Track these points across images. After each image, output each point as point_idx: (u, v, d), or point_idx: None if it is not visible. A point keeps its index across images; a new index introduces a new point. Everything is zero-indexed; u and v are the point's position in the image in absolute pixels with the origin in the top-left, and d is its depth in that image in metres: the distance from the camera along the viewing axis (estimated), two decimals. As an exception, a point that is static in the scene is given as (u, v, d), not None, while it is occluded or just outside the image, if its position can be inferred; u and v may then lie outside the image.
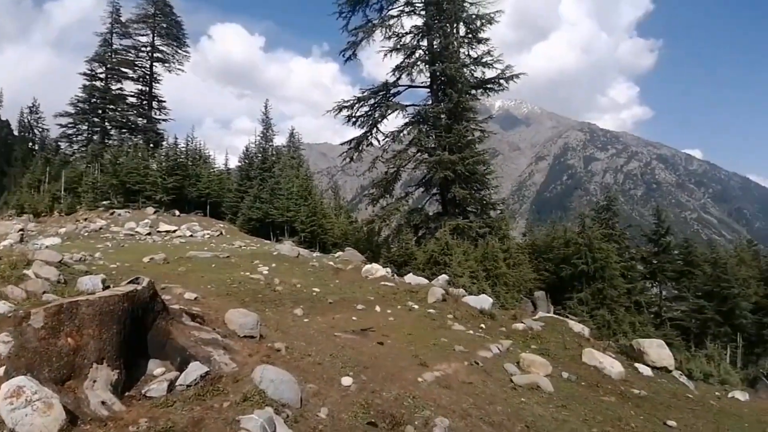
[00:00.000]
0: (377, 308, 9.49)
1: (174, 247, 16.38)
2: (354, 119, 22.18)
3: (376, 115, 21.75)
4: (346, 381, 5.33)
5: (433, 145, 19.69)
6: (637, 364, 8.56)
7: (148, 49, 38.48)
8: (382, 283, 11.72)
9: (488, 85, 20.73)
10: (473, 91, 20.59)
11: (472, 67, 20.14)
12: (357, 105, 21.80)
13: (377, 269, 12.58)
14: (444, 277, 12.84)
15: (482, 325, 9.27)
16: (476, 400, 5.70)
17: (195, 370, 4.31)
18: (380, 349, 7.05)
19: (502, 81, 20.34)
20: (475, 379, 6.41)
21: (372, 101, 21.76)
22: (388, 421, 4.60)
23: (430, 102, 20.69)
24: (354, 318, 8.61)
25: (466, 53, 20.20)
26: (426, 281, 12.30)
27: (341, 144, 23.66)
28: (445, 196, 19.51)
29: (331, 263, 13.77)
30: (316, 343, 6.60)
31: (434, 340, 7.77)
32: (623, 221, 21.99)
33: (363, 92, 21.87)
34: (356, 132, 22.76)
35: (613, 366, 7.71)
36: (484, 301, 10.50)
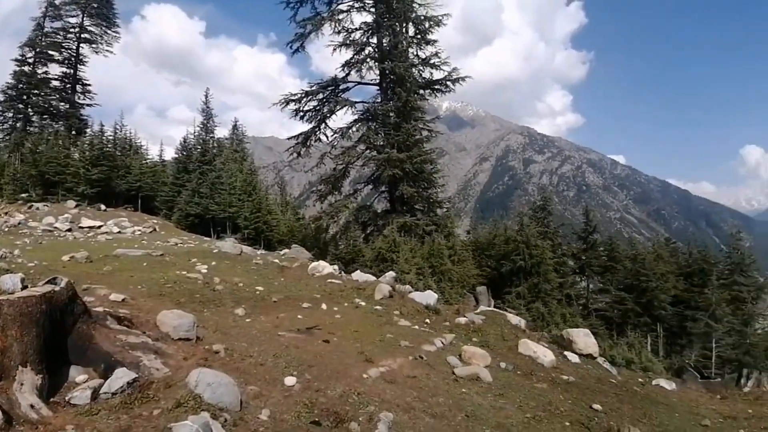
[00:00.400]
0: (324, 306, 9.38)
1: (99, 244, 15.05)
2: (302, 113, 21.69)
3: (325, 110, 21.43)
4: (290, 381, 5.24)
5: (381, 143, 19.78)
6: (566, 353, 9.20)
7: (77, 30, 35.45)
8: (329, 280, 11.60)
9: (436, 86, 21.18)
10: (421, 91, 20.94)
11: (421, 68, 20.48)
12: (305, 99, 21.33)
13: (324, 267, 12.44)
14: (391, 274, 12.97)
15: (427, 320, 9.49)
16: (420, 393, 5.83)
17: (121, 376, 4.02)
18: (326, 347, 6.98)
19: (448, 83, 20.89)
20: (419, 372, 6.54)
21: (320, 96, 21.41)
22: (332, 419, 4.57)
23: (379, 100, 20.76)
24: (299, 316, 8.44)
25: (415, 53, 20.52)
26: (373, 278, 12.35)
27: (288, 138, 23.00)
28: (394, 193, 19.71)
29: (277, 261, 13.39)
30: (258, 344, 6.42)
31: (380, 336, 7.82)
32: (557, 220, 23.50)
33: (311, 86, 21.45)
34: (304, 127, 22.27)
35: (545, 355, 8.23)
36: (429, 297, 10.74)
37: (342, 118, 22.25)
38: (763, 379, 11.58)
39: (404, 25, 20.19)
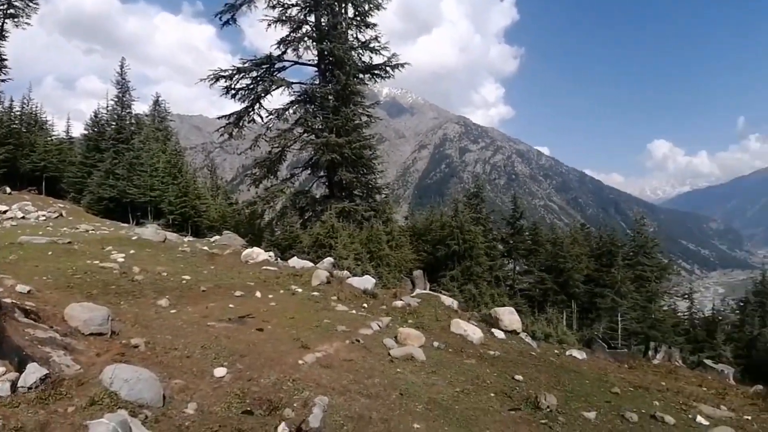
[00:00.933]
0: (258, 294, 9.10)
1: (3, 231, 13.26)
2: (233, 92, 20.34)
3: (259, 89, 20.30)
4: (220, 372, 5.06)
5: (320, 127, 19.28)
6: (494, 330, 9.84)
7: (5, 6, 30.35)
8: (264, 267, 11.26)
9: (376, 71, 20.99)
10: (361, 75, 20.62)
11: (360, 51, 20.14)
12: (237, 76, 19.99)
13: (259, 253, 12.03)
14: (329, 259, 12.89)
15: (365, 305, 9.59)
16: (356, 375, 5.91)
17: (33, 372, 3.72)
18: (260, 335, 6.80)
19: (388, 68, 20.80)
20: (356, 356, 6.62)
21: (254, 74, 20.23)
22: (265, 407, 4.49)
23: (317, 81, 20.13)
24: (231, 306, 8.10)
25: (355, 36, 20.11)
26: (311, 264, 12.20)
27: (219, 118, 21.54)
28: (332, 179, 19.43)
29: (206, 248, 12.70)
30: (184, 336, 6.09)
31: (317, 322, 7.77)
32: (489, 207, 24.76)
33: (244, 63, 20.12)
34: (236, 106, 20.93)
35: (474, 333, 8.73)
36: (367, 282, 10.85)
37: (278, 99, 21.32)
38: (674, 353, 13.13)
39: (343, 5, 19.68)
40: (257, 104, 20.80)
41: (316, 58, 19.99)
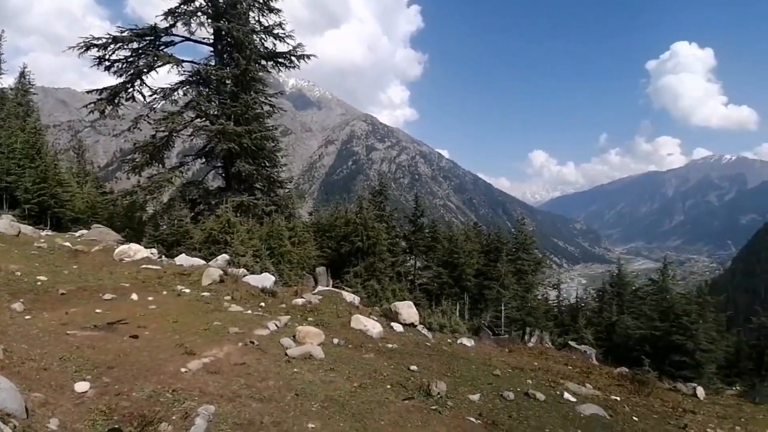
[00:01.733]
0: (134, 296, 8.08)
1: None
2: (108, 63, 17.48)
3: (141, 63, 17.79)
4: (81, 387, 4.46)
5: (215, 113, 17.71)
6: (393, 324, 10.13)
7: None
8: (144, 266, 10.05)
9: (280, 59, 19.99)
10: (264, 62, 19.50)
11: (263, 36, 18.94)
12: (113, 46, 17.23)
13: (137, 250, 10.70)
14: (224, 256, 12.00)
15: (262, 304, 9.14)
16: (248, 379, 5.57)
17: None
18: (134, 343, 6.04)
19: (293, 58, 19.99)
20: (249, 358, 6.24)
21: (135, 45, 17.66)
22: (136, 423, 4.04)
23: (213, 63, 18.49)
24: (98, 311, 7.05)
25: (257, 19, 18.89)
26: (202, 262, 11.23)
27: (89, 92, 18.44)
28: (229, 170, 18.08)
29: (67, 244, 10.91)
30: (41, 346, 5.28)
31: (206, 325, 7.16)
32: (393, 205, 25.49)
33: (122, 32, 17.35)
34: (112, 80, 18.11)
35: (374, 327, 8.88)
36: (266, 280, 10.36)
37: (166, 78, 19.05)
38: (545, 336, 14.84)
39: (243, -18, 18.32)
40: (138, 80, 18.29)
41: (212, 37, 18.34)
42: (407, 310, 10.72)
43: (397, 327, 10.01)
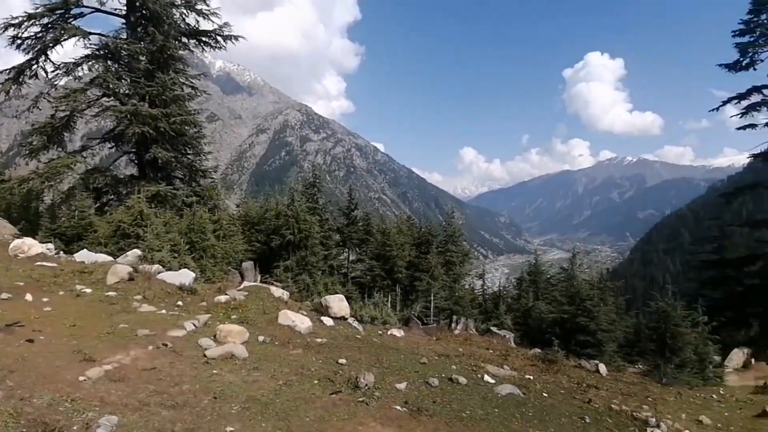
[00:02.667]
0: (29, 297, 7.10)
1: None
2: (19, 41, 15.58)
3: (48, 38, 15.72)
4: None
5: (127, 92, 16.02)
6: (323, 318, 9.99)
7: None
8: (39, 263, 8.90)
9: (203, 38, 18.55)
10: (185, 39, 17.98)
11: (184, 11, 17.30)
12: (26, 23, 15.35)
13: (31, 245, 9.42)
14: (135, 252, 10.95)
15: (179, 303, 8.50)
16: (158, 385, 5.15)
17: None
18: (30, 348, 5.40)
19: (219, 37, 18.59)
20: (161, 362, 5.77)
21: (46, 20, 15.65)
22: (41, 431, 3.75)
23: (125, 36, 16.67)
24: (-16, 313, 6.09)
25: (177, -9, 17.31)
26: (109, 258, 10.17)
27: (-1, 72, 16.18)
28: (143, 156, 16.48)
29: (-58, 239, 9.26)
30: None
31: (110, 328, 6.50)
32: (327, 197, 25.08)
33: (37, 8, 15.50)
34: (21, 58, 16.16)
35: (303, 322, 8.68)
36: (184, 277, 9.66)
37: (73, 52, 16.85)
38: (469, 323, 15.57)
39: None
40: (43, 56, 16.15)
41: (125, 8, 16.51)
42: (338, 304, 10.64)
43: (328, 321, 9.89)
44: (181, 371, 5.62)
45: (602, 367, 11.15)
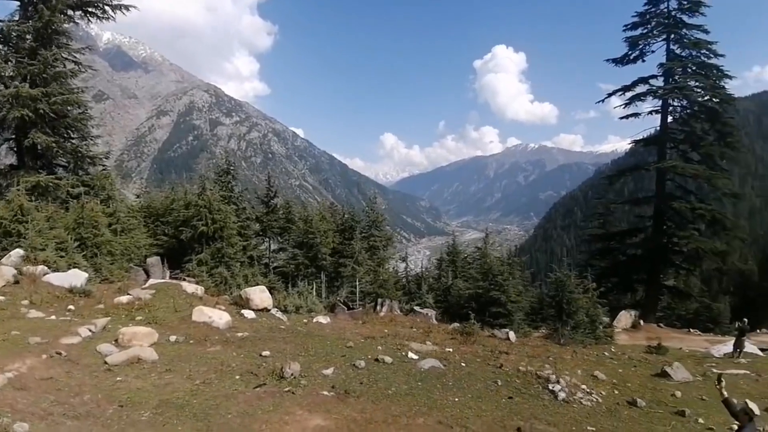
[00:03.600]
0: None
1: None
2: None
3: None
4: None
5: (11, 74, 13.52)
6: (244, 311, 9.57)
7: None
8: None
9: (89, 8, 16.17)
10: (71, 12, 15.52)
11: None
12: None
13: None
14: (18, 251, 9.40)
15: (71, 307, 7.53)
16: (58, 396, 4.60)
17: None
18: None
19: (107, 7, 16.39)
20: (57, 372, 5.12)
21: None
22: None
23: (17, 18, 14.05)
24: None
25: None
26: (-18, 260, 8.59)
27: None
28: (23, 143, 14.06)
29: None
30: None
31: (3, 335, 5.65)
32: (245, 185, 23.76)
33: None
34: None
35: (221, 317, 8.22)
36: (75, 278, 8.55)
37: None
38: (394, 305, 15.95)
39: None
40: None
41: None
42: (260, 295, 10.26)
43: (249, 314, 9.50)
44: (80, 381, 5.02)
45: (512, 335, 12.29)
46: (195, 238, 16.50)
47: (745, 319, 13.72)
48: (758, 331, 20.31)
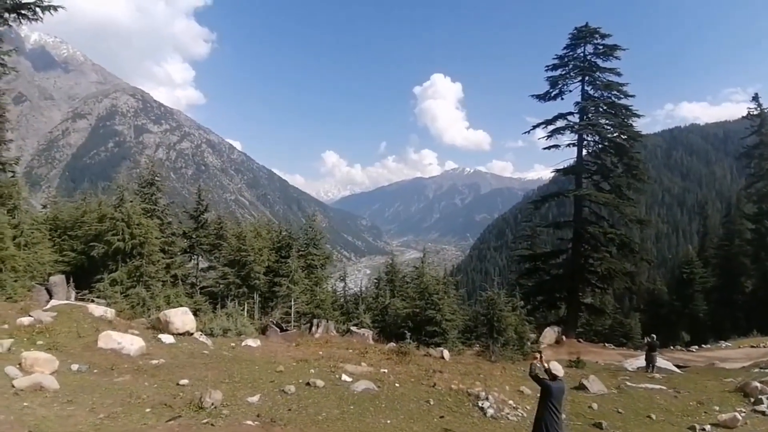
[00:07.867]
0: None
1: None
2: None
3: None
4: None
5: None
6: (161, 335, 8.74)
7: None
8: None
9: (23, 11, 14.70)
10: (6, 15, 14.01)
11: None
12: None
13: None
14: None
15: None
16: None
17: None
18: None
19: (38, 8, 14.96)
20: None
21: None
22: None
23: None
24: None
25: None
26: None
27: None
28: None
29: None
30: None
31: None
32: (175, 198, 22.18)
33: None
34: None
35: (132, 343, 7.43)
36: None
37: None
38: (330, 325, 15.45)
39: None
40: None
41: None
42: (181, 318, 9.46)
43: (168, 338, 8.69)
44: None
45: (446, 353, 12.46)
46: (109, 255, 14.98)
47: (653, 335, 15.06)
48: (671, 347, 22.53)
